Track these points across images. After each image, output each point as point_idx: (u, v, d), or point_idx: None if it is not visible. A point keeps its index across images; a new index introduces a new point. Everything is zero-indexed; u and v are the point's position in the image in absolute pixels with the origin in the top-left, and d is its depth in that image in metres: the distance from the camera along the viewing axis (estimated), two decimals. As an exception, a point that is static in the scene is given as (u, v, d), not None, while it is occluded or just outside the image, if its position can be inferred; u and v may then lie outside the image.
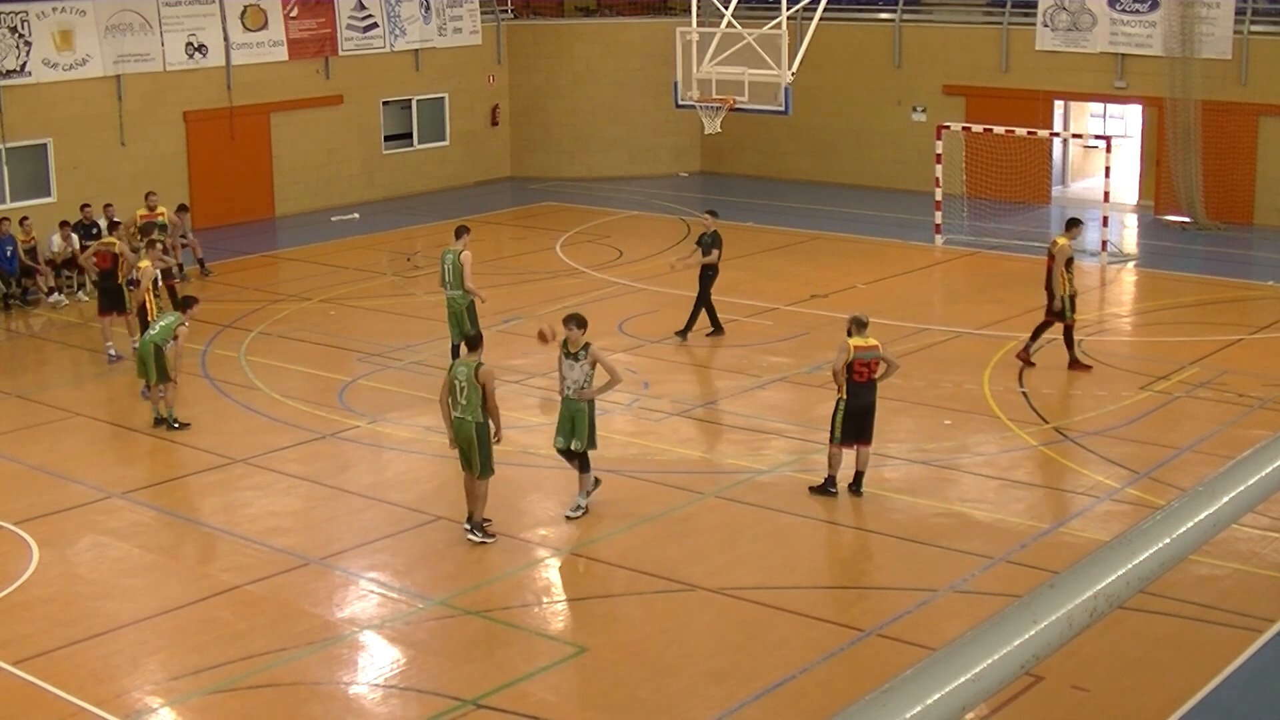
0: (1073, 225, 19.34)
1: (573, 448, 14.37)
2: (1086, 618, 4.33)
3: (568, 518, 14.46)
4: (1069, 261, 18.86)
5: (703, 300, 20.64)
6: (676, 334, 20.71)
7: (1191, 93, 28.02)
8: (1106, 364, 19.30)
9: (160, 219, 23.23)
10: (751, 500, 14.95)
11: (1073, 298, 18.89)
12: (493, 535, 13.94)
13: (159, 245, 21.23)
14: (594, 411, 14.42)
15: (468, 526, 13.94)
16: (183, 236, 25.19)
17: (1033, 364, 18.98)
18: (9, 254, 23.69)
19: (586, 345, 14.28)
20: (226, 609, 12.65)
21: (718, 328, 20.79)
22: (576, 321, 14.33)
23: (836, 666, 11.52)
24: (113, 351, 20.29)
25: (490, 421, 13.71)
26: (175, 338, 17.19)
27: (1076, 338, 19.12)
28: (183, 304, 17.67)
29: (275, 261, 27.38)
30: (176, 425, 17.29)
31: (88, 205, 24.88)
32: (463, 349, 14.15)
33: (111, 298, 20.37)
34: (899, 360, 15.93)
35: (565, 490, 15.25)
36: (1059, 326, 18.96)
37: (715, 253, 20.51)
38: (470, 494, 13.93)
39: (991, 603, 12.32)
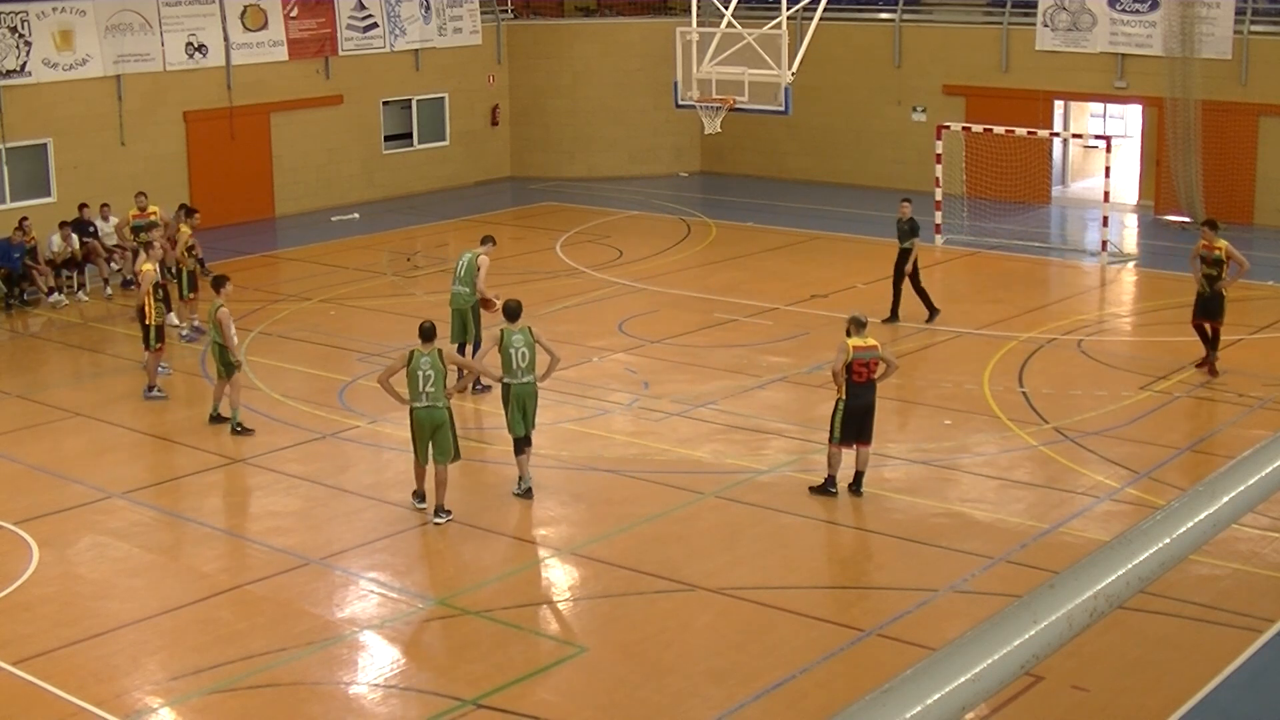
0: (1206, 226, 19.20)
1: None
2: (1086, 618, 4.33)
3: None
4: (1203, 259, 18.69)
5: (900, 278, 21.30)
6: (884, 321, 21.06)
7: (1191, 93, 28.01)
8: (1106, 364, 19.30)
9: (152, 218, 23.17)
10: (751, 500, 14.95)
11: (1200, 296, 18.68)
12: (449, 510, 14.41)
13: (157, 246, 21.20)
14: (504, 395, 14.97)
15: (437, 520, 14.28)
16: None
17: (1217, 373, 18.64)
18: (15, 258, 23.71)
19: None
20: (226, 609, 12.65)
21: (927, 304, 21.42)
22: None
23: (836, 666, 11.52)
24: (187, 330, 21.23)
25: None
26: (220, 323, 17.02)
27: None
28: (214, 284, 17.48)
29: (275, 261, 27.38)
30: (240, 430, 17.13)
31: (85, 205, 24.91)
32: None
33: (186, 280, 21.01)
34: (898, 360, 15.93)
35: (565, 489, 15.33)
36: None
37: (913, 239, 21.20)
38: (440, 483, 14.32)
39: (991, 603, 12.31)
